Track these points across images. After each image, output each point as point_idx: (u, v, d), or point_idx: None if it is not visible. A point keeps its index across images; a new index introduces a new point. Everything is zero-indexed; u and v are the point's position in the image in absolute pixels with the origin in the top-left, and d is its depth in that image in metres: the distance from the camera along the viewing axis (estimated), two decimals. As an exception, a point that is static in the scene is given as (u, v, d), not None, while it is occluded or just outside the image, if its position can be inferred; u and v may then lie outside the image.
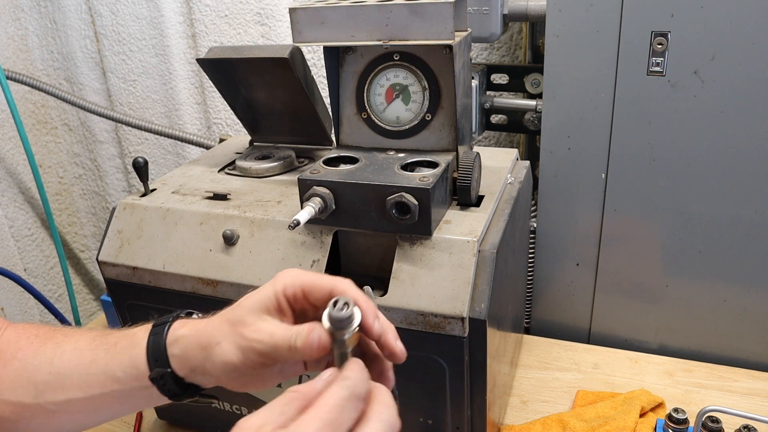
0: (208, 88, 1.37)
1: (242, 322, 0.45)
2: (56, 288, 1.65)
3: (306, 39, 0.67)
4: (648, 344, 1.00)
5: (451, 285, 0.62)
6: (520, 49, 1.16)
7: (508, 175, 0.79)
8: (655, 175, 0.87)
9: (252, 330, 0.44)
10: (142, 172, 0.78)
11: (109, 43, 1.41)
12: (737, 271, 0.89)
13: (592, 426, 0.79)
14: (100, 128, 1.54)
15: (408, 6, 0.62)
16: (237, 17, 1.28)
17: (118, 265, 0.76)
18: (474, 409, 0.67)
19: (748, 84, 0.78)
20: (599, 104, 0.87)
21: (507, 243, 0.69)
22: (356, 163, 0.69)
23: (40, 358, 0.52)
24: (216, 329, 0.46)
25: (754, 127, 0.80)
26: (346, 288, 0.44)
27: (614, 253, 0.95)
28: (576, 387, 0.91)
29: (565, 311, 1.03)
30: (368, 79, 0.73)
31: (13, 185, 1.50)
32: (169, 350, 0.48)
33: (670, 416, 0.77)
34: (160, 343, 0.48)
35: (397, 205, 0.62)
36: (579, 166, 0.91)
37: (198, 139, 1.33)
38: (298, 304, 0.45)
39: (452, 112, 0.70)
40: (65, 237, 1.69)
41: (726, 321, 0.93)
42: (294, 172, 0.83)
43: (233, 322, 0.45)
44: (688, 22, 0.78)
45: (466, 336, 0.61)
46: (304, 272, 0.45)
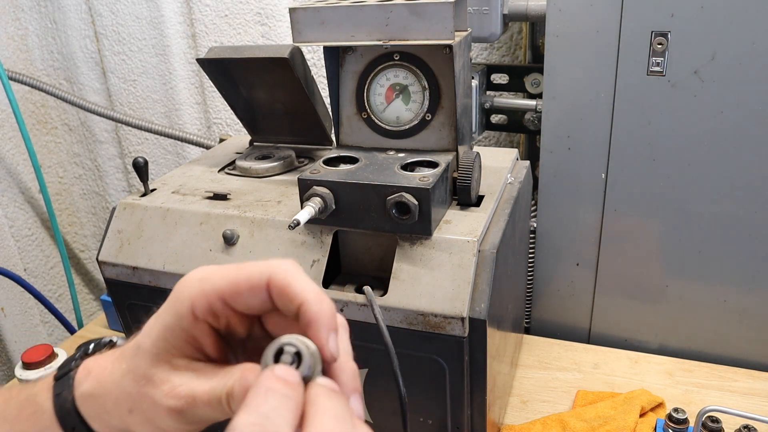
0: (208, 88, 1.37)
1: (149, 379, 0.33)
2: (56, 288, 1.65)
3: (306, 39, 0.67)
4: (648, 344, 1.00)
5: (451, 285, 0.62)
6: (520, 49, 1.16)
7: (508, 175, 0.79)
8: (655, 175, 0.87)
9: (164, 394, 0.33)
10: (142, 172, 0.78)
11: (109, 43, 1.41)
12: (737, 271, 0.89)
13: (592, 426, 0.79)
14: (100, 128, 1.54)
15: (408, 6, 0.62)
16: (237, 17, 1.28)
17: (118, 265, 0.76)
18: (474, 409, 0.67)
19: (748, 84, 0.78)
20: (599, 104, 0.87)
21: (507, 243, 0.69)
22: (356, 163, 0.69)
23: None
24: (121, 388, 0.34)
25: (754, 127, 0.80)
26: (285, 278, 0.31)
27: (614, 253, 0.95)
28: (576, 387, 0.91)
29: (565, 311, 1.03)
30: (368, 79, 0.73)
31: (14, 185, 1.50)
32: (83, 413, 0.36)
33: (670, 416, 0.77)
34: (68, 407, 0.36)
35: (397, 205, 0.62)
36: (579, 166, 0.91)
37: (198, 139, 1.33)
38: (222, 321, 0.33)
39: (452, 112, 0.70)
40: (65, 237, 1.69)
41: (726, 321, 0.93)
42: (294, 172, 0.83)
43: (137, 378, 0.34)
44: (688, 22, 0.78)
45: (466, 336, 0.61)
46: (217, 272, 0.32)
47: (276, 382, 0.28)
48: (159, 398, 0.33)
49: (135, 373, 0.34)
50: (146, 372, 0.33)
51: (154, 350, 0.33)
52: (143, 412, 0.33)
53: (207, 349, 0.34)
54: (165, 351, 0.33)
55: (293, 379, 0.28)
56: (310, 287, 0.31)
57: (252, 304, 0.32)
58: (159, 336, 0.33)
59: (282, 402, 0.27)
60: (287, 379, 0.28)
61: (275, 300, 0.31)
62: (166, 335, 0.33)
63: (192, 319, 0.32)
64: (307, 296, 0.30)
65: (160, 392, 0.33)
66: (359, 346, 0.67)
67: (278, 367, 0.29)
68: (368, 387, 0.70)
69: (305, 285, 0.31)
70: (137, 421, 0.34)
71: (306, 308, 0.30)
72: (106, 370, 0.36)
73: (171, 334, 0.33)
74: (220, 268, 0.32)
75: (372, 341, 0.65)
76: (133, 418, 0.34)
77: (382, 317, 0.59)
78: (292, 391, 0.28)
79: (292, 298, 0.31)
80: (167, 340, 0.33)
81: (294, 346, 0.30)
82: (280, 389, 0.27)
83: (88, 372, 0.37)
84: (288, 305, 0.31)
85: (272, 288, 0.31)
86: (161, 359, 0.33)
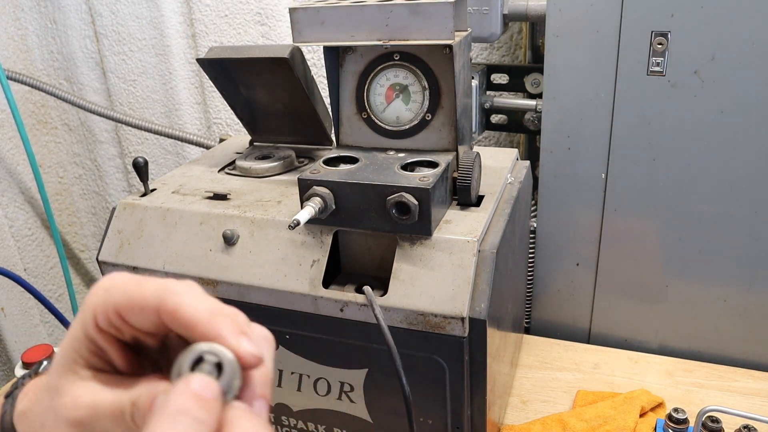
0: (208, 88, 1.37)
1: (56, 390, 0.31)
2: (56, 288, 1.65)
3: (306, 39, 0.67)
4: (648, 344, 1.00)
5: (451, 285, 0.62)
6: (520, 49, 1.16)
7: (508, 175, 0.79)
8: (655, 175, 0.87)
9: (65, 404, 0.30)
10: (142, 172, 0.78)
11: (109, 43, 1.41)
12: (737, 271, 0.89)
13: (592, 426, 0.79)
14: (100, 128, 1.54)
15: (408, 6, 0.62)
16: (237, 17, 1.28)
17: (118, 265, 0.76)
18: (474, 409, 0.67)
19: (748, 84, 0.78)
20: (599, 104, 0.87)
21: (507, 243, 0.69)
22: (356, 163, 0.69)
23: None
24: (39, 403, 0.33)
25: (754, 127, 0.80)
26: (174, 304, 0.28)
27: (614, 253, 0.95)
28: (576, 387, 0.91)
29: (565, 311, 1.03)
30: (368, 79, 0.73)
31: (13, 185, 1.50)
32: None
33: (670, 416, 0.77)
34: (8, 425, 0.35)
35: (397, 205, 0.62)
36: (579, 166, 0.91)
37: (198, 139, 1.33)
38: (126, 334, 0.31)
39: (452, 112, 0.70)
40: (65, 237, 1.69)
41: (726, 321, 0.93)
42: (294, 172, 0.83)
43: (49, 390, 0.32)
44: (688, 22, 0.78)
45: (466, 336, 0.61)
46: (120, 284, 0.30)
47: (189, 400, 0.25)
48: (61, 409, 0.30)
49: (48, 385, 0.32)
50: (55, 383, 0.31)
51: (63, 361, 0.31)
52: (50, 426, 0.31)
53: (115, 362, 0.31)
54: (72, 361, 0.31)
55: (210, 395, 0.25)
56: (201, 307, 0.28)
57: (145, 325, 0.29)
58: (67, 346, 0.31)
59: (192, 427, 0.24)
60: (204, 396, 0.25)
61: (170, 326, 0.29)
62: (73, 345, 0.31)
63: (96, 330, 0.30)
64: (198, 318, 0.28)
65: (62, 403, 0.30)
66: (360, 346, 0.67)
67: (195, 377, 0.26)
68: (368, 387, 0.70)
69: (197, 306, 0.28)
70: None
71: (201, 329, 0.27)
72: (36, 387, 0.35)
73: (78, 343, 0.31)
74: (125, 281, 0.30)
75: (372, 341, 0.65)
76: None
77: (383, 317, 0.59)
78: (207, 413, 0.25)
79: (182, 324, 0.28)
80: (74, 350, 0.31)
81: (215, 355, 0.26)
82: (192, 411, 0.24)
83: (27, 391, 0.36)
84: (183, 331, 0.28)
85: (163, 315, 0.28)
86: (68, 370, 0.31)
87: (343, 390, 0.71)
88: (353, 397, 0.71)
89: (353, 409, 0.72)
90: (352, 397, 0.71)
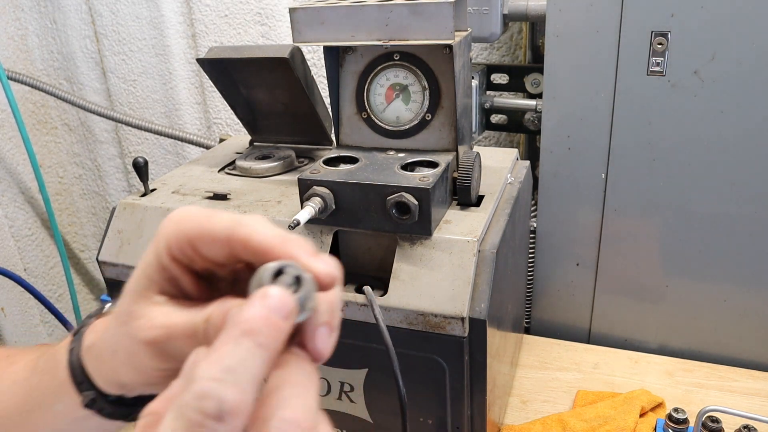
0: (208, 88, 1.37)
1: (130, 314, 0.32)
2: (56, 288, 1.65)
3: (306, 39, 0.67)
4: (648, 344, 1.00)
5: (451, 285, 0.62)
6: (520, 49, 1.16)
7: (508, 175, 0.79)
8: (655, 175, 0.87)
9: (140, 326, 0.32)
10: (142, 172, 0.78)
11: (109, 43, 1.41)
12: (737, 271, 0.89)
13: (592, 426, 0.79)
14: (100, 128, 1.54)
15: (408, 6, 0.62)
16: (237, 17, 1.28)
17: (118, 265, 0.76)
18: (474, 409, 0.67)
19: (748, 84, 0.78)
20: (599, 104, 0.87)
21: (507, 243, 0.69)
22: (356, 163, 0.69)
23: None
24: (109, 332, 0.35)
25: (754, 127, 0.80)
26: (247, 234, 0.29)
27: (614, 253, 0.95)
28: (576, 387, 0.91)
29: (565, 311, 1.03)
30: (368, 79, 0.73)
31: (14, 185, 1.50)
32: (86, 367, 0.36)
33: (670, 416, 0.77)
34: (76, 360, 0.37)
35: (397, 205, 0.62)
36: (579, 166, 0.91)
37: (198, 139, 1.33)
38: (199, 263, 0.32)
39: (452, 112, 0.70)
40: (65, 237, 1.69)
41: (726, 321, 0.93)
42: (294, 172, 0.83)
43: (120, 317, 0.33)
44: (688, 22, 0.78)
45: (466, 336, 0.61)
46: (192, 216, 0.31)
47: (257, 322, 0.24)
48: (136, 331, 0.32)
49: (119, 312, 0.33)
50: (128, 309, 0.33)
51: (136, 288, 0.33)
52: (124, 350, 0.33)
53: (188, 289, 0.33)
54: (145, 288, 0.32)
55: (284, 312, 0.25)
56: (272, 234, 0.28)
57: (217, 256, 0.30)
58: (140, 274, 0.32)
59: (253, 353, 0.24)
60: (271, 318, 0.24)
61: (242, 256, 0.29)
62: (146, 272, 0.32)
63: (170, 259, 0.31)
64: (271, 243, 0.28)
65: (137, 325, 0.32)
66: (360, 346, 0.67)
67: (273, 288, 0.25)
68: (368, 387, 0.70)
69: (267, 233, 0.28)
70: (120, 363, 0.34)
71: (275, 253, 0.28)
72: (104, 322, 0.36)
73: (151, 271, 0.32)
74: (196, 213, 0.30)
75: (372, 341, 0.65)
76: (117, 359, 0.34)
77: (382, 317, 0.59)
78: (272, 338, 0.24)
79: (255, 251, 0.28)
80: (147, 278, 0.32)
81: (295, 269, 0.26)
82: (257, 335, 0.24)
83: (94, 327, 0.38)
84: (256, 259, 0.29)
85: (235, 245, 0.29)
86: (142, 296, 0.32)
87: (343, 390, 0.71)
88: (353, 397, 0.71)
89: (353, 409, 0.72)
90: (352, 397, 0.71)
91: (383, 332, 0.58)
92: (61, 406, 0.38)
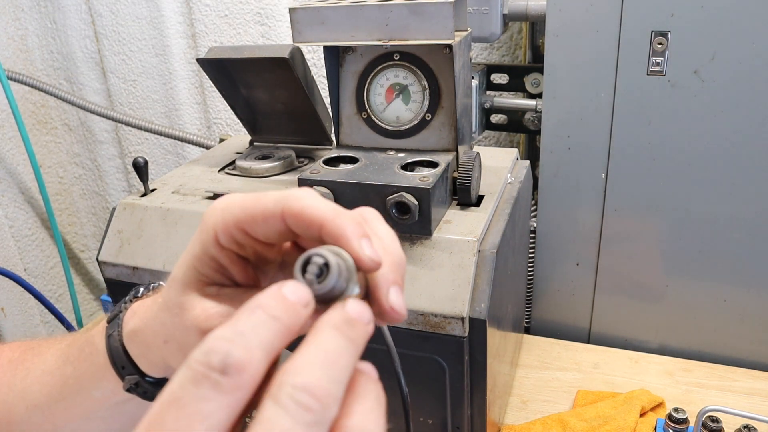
0: (208, 88, 1.37)
1: (181, 306, 0.33)
2: (56, 288, 1.65)
3: (306, 39, 0.67)
4: (648, 344, 1.00)
5: (451, 285, 0.62)
6: (520, 49, 1.16)
7: (508, 175, 0.79)
8: (655, 175, 0.87)
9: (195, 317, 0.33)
10: (142, 172, 0.78)
11: (109, 43, 1.41)
12: (737, 271, 0.89)
13: (592, 426, 0.79)
14: (100, 128, 1.54)
15: (408, 6, 0.62)
16: (237, 17, 1.28)
17: (118, 265, 0.76)
18: (474, 409, 0.67)
19: (748, 84, 0.78)
20: (599, 104, 0.87)
21: (507, 243, 0.69)
22: (356, 163, 0.69)
23: (14, 393, 0.43)
24: (157, 320, 0.35)
25: (754, 127, 0.80)
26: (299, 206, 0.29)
27: (614, 253, 0.95)
28: (576, 387, 0.91)
29: (565, 311, 1.03)
30: (368, 79, 0.73)
31: (14, 185, 1.50)
32: (129, 352, 0.38)
33: (670, 416, 0.77)
34: (117, 346, 0.38)
35: (397, 205, 0.62)
36: (579, 166, 0.91)
37: (198, 139, 1.33)
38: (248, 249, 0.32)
39: (452, 111, 0.70)
40: (65, 237, 1.69)
41: (726, 321, 0.93)
42: (294, 172, 0.83)
43: (170, 308, 0.34)
44: (688, 22, 0.78)
45: (466, 336, 0.61)
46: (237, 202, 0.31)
47: (270, 299, 0.25)
48: (191, 322, 0.33)
49: (168, 303, 0.34)
50: (178, 300, 0.33)
51: (185, 280, 0.33)
52: (176, 341, 0.34)
53: (236, 277, 0.33)
54: (195, 280, 0.33)
55: (296, 298, 0.26)
56: (325, 207, 0.29)
57: (269, 234, 0.30)
58: (188, 266, 0.33)
59: (266, 322, 0.24)
60: (286, 298, 0.25)
61: (294, 229, 0.30)
62: (194, 264, 0.33)
63: (218, 248, 0.32)
64: (324, 216, 0.29)
65: (191, 316, 0.33)
66: (359, 346, 0.67)
67: (289, 282, 0.26)
68: (368, 387, 0.70)
69: (320, 206, 0.29)
70: (172, 351, 0.35)
71: (327, 228, 0.28)
72: (147, 308, 0.37)
73: (199, 263, 0.33)
74: (241, 198, 0.31)
75: (372, 341, 0.65)
76: (169, 348, 0.35)
77: (382, 317, 0.59)
78: (286, 312, 0.25)
79: (309, 223, 0.29)
80: (196, 269, 0.33)
81: (322, 257, 0.27)
82: (271, 308, 0.25)
83: (134, 312, 0.38)
84: (308, 231, 0.29)
85: (288, 219, 0.29)
86: (192, 288, 0.33)
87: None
88: (353, 397, 0.71)
89: (353, 409, 0.72)
90: (352, 397, 0.71)
91: (384, 332, 0.58)
92: (99, 392, 0.39)
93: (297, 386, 0.23)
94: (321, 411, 0.23)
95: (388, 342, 0.59)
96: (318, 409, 0.23)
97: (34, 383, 0.42)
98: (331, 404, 0.23)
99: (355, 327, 0.26)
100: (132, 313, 0.38)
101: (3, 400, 0.43)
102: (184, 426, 0.22)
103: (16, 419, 0.42)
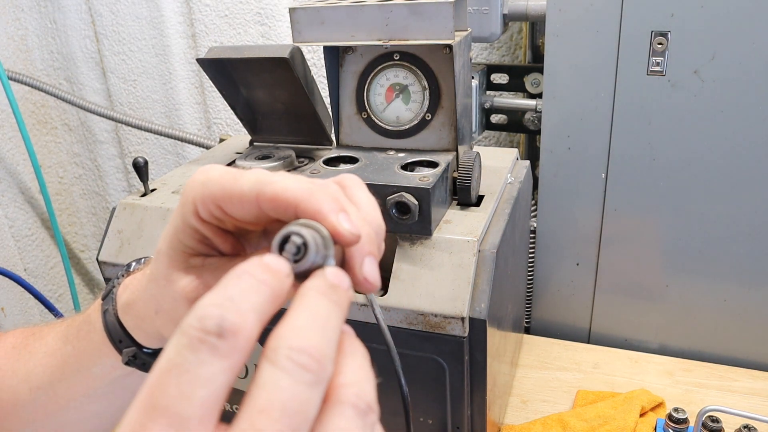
0: (208, 88, 1.37)
1: (168, 278, 0.34)
2: (56, 288, 1.65)
3: (306, 39, 0.67)
4: (648, 344, 1.00)
5: (451, 285, 0.62)
6: (520, 49, 1.16)
7: (508, 175, 0.79)
8: (655, 175, 0.87)
9: (184, 287, 0.33)
10: (142, 172, 0.78)
11: (109, 43, 1.41)
12: (737, 271, 0.89)
13: (592, 426, 0.79)
14: (100, 128, 1.54)
15: (408, 6, 0.62)
16: (237, 17, 1.28)
17: (118, 265, 0.76)
18: (474, 409, 0.67)
19: (748, 84, 0.78)
20: (599, 104, 0.87)
21: (507, 243, 0.69)
22: (356, 163, 0.69)
23: (18, 377, 0.44)
24: (147, 292, 0.36)
25: (754, 127, 0.80)
26: (273, 191, 0.29)
27: (614, 253, 0.95)
28: (576, 387, 0.91)
29: (565, 311, 1.03)
30: (368, 79, 0.73)
31: (14, 185, 1.50)
32: (125, 324, 0.39)
33: (670, 416, 0.77)
34: (113, 320, 0.39)
35: (397, 205, 0.62)
36: (579, 166, 0.91)
37: (198, 139, 1.33)
38: (228, 224, 0.32)
39: (452, 111, 0.70)
40: (65, 237, 1.69)
41: (726, 321, 0.93)
42: (294, 172, 0.83)
43: (158, 280, 0.35)
44: (688, 22, 0.78)
45: (466, 336, 0.61)
46: (216, 177, 0.30)
47: (255, 267, 0.25)
48: (178, 293, 0.33)
49: (155, 275, 0.35)
50: (164, 272, 0.34)
51: (170, 252, 0.34)
52: (167, 312, 0.35)
53: (220, 246, 0.34)
54: (179, 251, 0.33)
55: (278, 267, 0.26)
56: (298, 186, 0.28)
57: (246, 216, 0.30)
58: (172, 238, 0.33)
59: (254, 286, 0.25)
60: (269, 266, 0.25)
61: (271, 214, 0.30)
62: (178, 236, 0.33)
63: (198, 220, 0.32)
64: (298, 196, 0.28)
65: (178, 287, 0.33)
66: (359, 346, 0.67)
67: (268, 255, 0.26)
68: (368, 387, 0.70)
69: (293, 186, 0.28)
70: (164, 322, 0.35)
71: (302, 207, 0.28)
72: (138, 281, 0.38)
73: (182, 234, 0.33)
74: (219, 174, 0.30)
75: (372, 341, 0.65)
76: (160, 319, 0.35)
77: (383, 317, 0.59)
78: (272, 277, 0.25)
79: (285, 206, 0.29)
80: (180, 241, 0.33)
81: (300, 236, 0.27)
82: (257, 274, 0.25)
83: (126, 286, 0.39)
84: (285, 215, 0.29)
85: (263, 204, 0.29)
86: (177, 259, 0.34)
87: (343, 390, 0.71)
88: (353, 397, 0.71)
89: (353, 409, 0.72)
90: (352, 397, 0.71)
91: (384, 332, 0.58)
92: (98, 369, 0.40)
93: (294, 348, 0.23)
94: (319, 370, 0.23)
95: (388, 342, 0.59)
96: (316, 369, 0.23)
97: (36, 366, 0.43)
98: (327, 363, 0.24)
99: (337, 292, 0.26)
100: (124, 287, 0.39)
101: (8, 384, 0.44)
102: (187, 391, 0.22)
103: (21, 402, 0.43)
